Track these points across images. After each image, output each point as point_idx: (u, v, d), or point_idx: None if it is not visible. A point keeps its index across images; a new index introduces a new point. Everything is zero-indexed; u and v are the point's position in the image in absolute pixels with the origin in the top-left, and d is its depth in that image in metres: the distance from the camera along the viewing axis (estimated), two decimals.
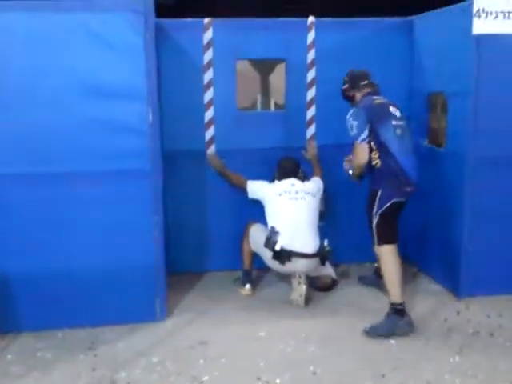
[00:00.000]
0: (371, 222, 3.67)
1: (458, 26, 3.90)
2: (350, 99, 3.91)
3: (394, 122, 3.64)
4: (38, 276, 3.56)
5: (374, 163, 3.65)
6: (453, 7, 3.99)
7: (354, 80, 3.87)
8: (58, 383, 3.07)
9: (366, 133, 3.60)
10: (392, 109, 3.69)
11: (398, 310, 3.55)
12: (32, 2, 3.36)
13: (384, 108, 3.68)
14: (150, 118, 3.52)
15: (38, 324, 3.61)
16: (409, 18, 4.54)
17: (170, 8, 4.22)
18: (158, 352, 3.37)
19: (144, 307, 3.71)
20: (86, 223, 3.56)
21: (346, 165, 3.94)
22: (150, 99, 3.51)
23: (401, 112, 3.72)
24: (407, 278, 3.98)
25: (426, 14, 4.38)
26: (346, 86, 3.91)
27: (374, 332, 3.53)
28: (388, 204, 3.61)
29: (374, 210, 3.64)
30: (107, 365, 3.23)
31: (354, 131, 3.62)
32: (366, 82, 3.84)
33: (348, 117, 3.68)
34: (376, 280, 4.20)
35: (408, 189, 3.64)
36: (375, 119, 3.61)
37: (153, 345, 3.46)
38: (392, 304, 3.58)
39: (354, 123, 3.63)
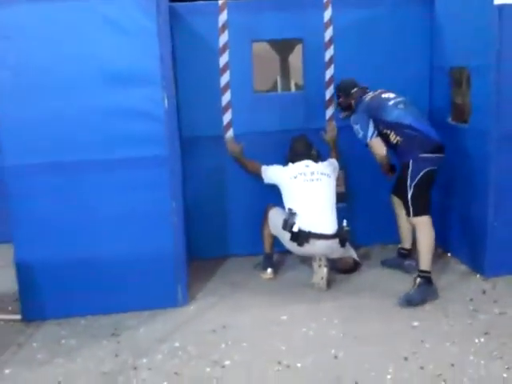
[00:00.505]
0: (406, 194, 3.74)
1: None
2: (348, 109, 4.11)
3: (391, 102, 3.82)
4: (60, 264, 3.60)
5: (394, 142, 3.80)
6: None
7: (346, 90, 4.08)
8: (82, 369, 3.11)
9: (371, 128, 3.85)
10: (384, 95, 3.89)
11: (427, 278, 3.68)
12: None
13: (376, 98, 3.89)
14: (166, 103, 3.50)
15: (62, 311, 3.66)
16: None
17: None
18: (180, 337, 3.38)
19: (166, 293, 3.72)
20: (106, 211, 3.58)
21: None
22: (165, 84, 3.48)
23: (396, 93, 3.88)
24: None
25: None
26: (341, 98, 4.13)
27: (408, 303, 3.61)
28: (421, 174, 3.69)
29: (408, 182, 3.72)
30: (130, 351, 3.26)
31: (361, 133, 3.89)
32: (355, 89, 4.04)
33: (351, 124, 3.95)
34: (399, 262, 4.17)
35: (437, 153, 3.71)
36: (374, 111, 3.84)
37: (174, 330, 3.47)
38: (422, 271, 3.69)
39: (357, 127, 3.90)
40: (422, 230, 3.72)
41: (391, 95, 3.89)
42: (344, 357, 3.10)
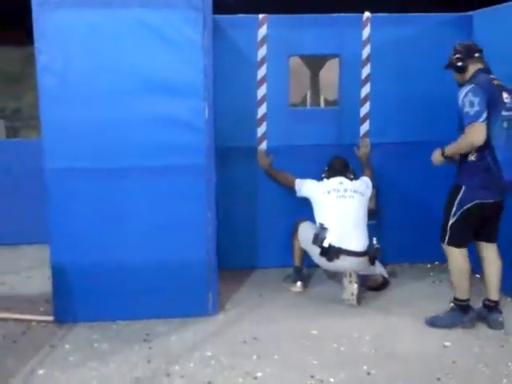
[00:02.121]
0: (447, 221, 3.47)
1: None
2: (460, 70, 3.50)
3: (504, 113, 3.34)
4: (94, 268, 3.63)
5: (468, 155, 3.38)
6: None
7: (468, 50, 3.50)
8: (115, 373, 3.13)
9: (485, 114, 3.24)
10: (505, 95, 3.37)
11: (461, 306, 3.52)
12: None
13: (499, 92, 3.36)
14: (207, 113, 3.55)
15: (93, 315, 3.69)
16: (468, 13, 4.44)
17: (227, 4, 4.20)
18: (211, 346, 3.40)
19: (197, 302, 3.75)
20: (142, 218, 3.62)
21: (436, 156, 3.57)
22: (207, 95, 3.53)
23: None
24: None
25: (485, 9, 4.27)
26: (459, 55, 3.49)
27: (433, 324, 3.54)
28: (470, 205, 3.38)
29: (454, 209, 3.43)
30: (162, 357, 3.28)
31: (476, 108, 3.23)
32: (479, 54, 3.49)
33: (465, 92, 3.31)
34: (485, 314, 3.65)
35: (498, 190, 3.39)
36: (491, 103, 3.28)
37: (205, 339, 3.49)
38: (455, 299, 3.54)
39: (476, 100, 3.24)
40: (452, 260, 3.50)
41: (508, 102, 3.36)
42: (377, 374, 3.10)
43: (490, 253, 3.60)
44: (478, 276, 4.35)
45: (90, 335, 3.55)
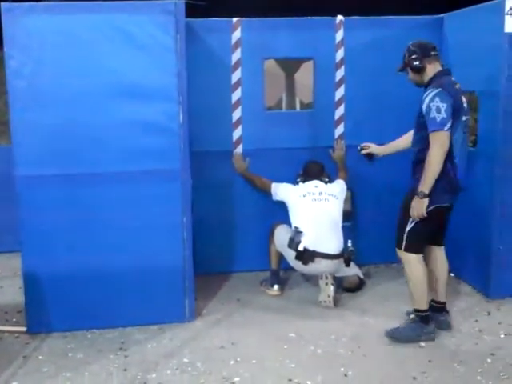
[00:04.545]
0: (404, 226, 3.37)
1: (489, 25, 3.86)
2: (418, 71, 3.35)
3: (463, 118, 3.26)
4: (67, 277, 3.57)
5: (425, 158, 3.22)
6: (484, 5, 3.95)
7: (424, 48, 3.34)
8: (90, 383, 3.08)
9: (450, 122, 3.13)
10: (463, 99, 3.28)
11: (422, 317, 3.42)
12: (65, 4, 3.38)
13: (461, 97, 3.26)
14: (181, 118, 3.52)
15: (67, 325, 3.63)
16: (439, 15, 4.49)
17: (201, 8, 4.19)
18: (188, 353, 3.37)
19: (173, 308, 3.72)
20: (116, 224, 3.57)
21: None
22: (181, 99, 3.51)
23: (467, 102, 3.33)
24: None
25: (456, 12, 4.33)
26: (415, 55, 3.33)
27: (393, 337, 3.45)
28: (429, 209, 3.26)
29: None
30: (138, 365, 3.24)
31: (443, 115, 3.10)
32: (435, 52, 3.35)
33: (432, 95, 3.17)
34: (434, 317, 3.57)
35: (454, 193, 3.36)
36: (455, 109, 3.18)
37: (183, 345, 3.46)
38: (416, 310, 3.45)
39: (443, 106, 3.11)
40: (409, 269, 3.40)
41: (465, 106, 3.28)
42: (354, 375, 3.11)
43: (440, 254, 3.59)
44: (453, 275, 4.44)
45: (63, 345, 3.49)
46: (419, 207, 3.26)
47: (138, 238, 3.61)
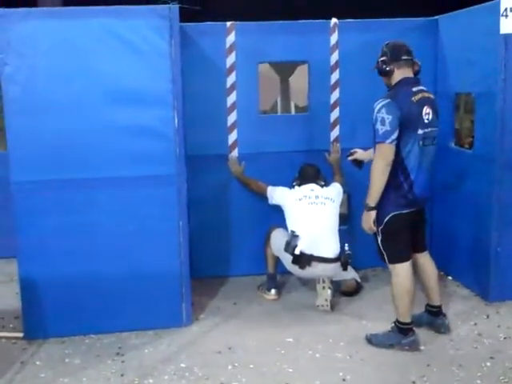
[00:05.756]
0: (377, 241, 3.36)
1: (484, 26, 3.86)
2: (385, 74, 3.28)
3: (420, 131, 3.16)
4: (64, 282, 3.56)
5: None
6: (479, 7, 3.95)
7: (395, 52, 3.25)
8: None
9: (396, 133, 3.09)
10: (425, 111, 3.18)
11: (401, 329, 3.37)
12: (59, 9, 3.38)
13: (418, 110, 3.17)
14: (176, 122, 3.52)
15: (65, 330, 3.61)
16: (434, 17, 4.49)
17: (195, 12, 4.19)
18: (186, 358, 3.36)
19: (170, 313, 3.71)
20: (112, 229, 3.57)
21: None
22: (176, 104, 3.50)
23: (434, 112, 3.26)
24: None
25: (450, 13, 4.33)
26: (385, 57, 3.25)
27: (370, 341, 3.44)
28: (387, 218, 3.23)
29: (375, 227, 3.29)
30: (135, 370, 3.23)
31: (387, 128, 3.07)
32: (407, 57, 3.24)
33: (380, 106, 3.14)
34: (429, 318, 3.64)
35: (410, 202, 3.24)
36: (406, 124, 3.11)
37: (180, 350, 3.45)
38: (397, 321, 3.40)
39: (388, 118, 3.07)
40: (395, 281, 3.34)
41: (428, 118, 3.18)
42: (352, 379, 3.10)
43: (424, 260, 3.55)
44: (451, 278, 4.43)
45: (61, 351, 3.48)
46: (366, 220, 3.28)
47: (134, 242, 3.61)
